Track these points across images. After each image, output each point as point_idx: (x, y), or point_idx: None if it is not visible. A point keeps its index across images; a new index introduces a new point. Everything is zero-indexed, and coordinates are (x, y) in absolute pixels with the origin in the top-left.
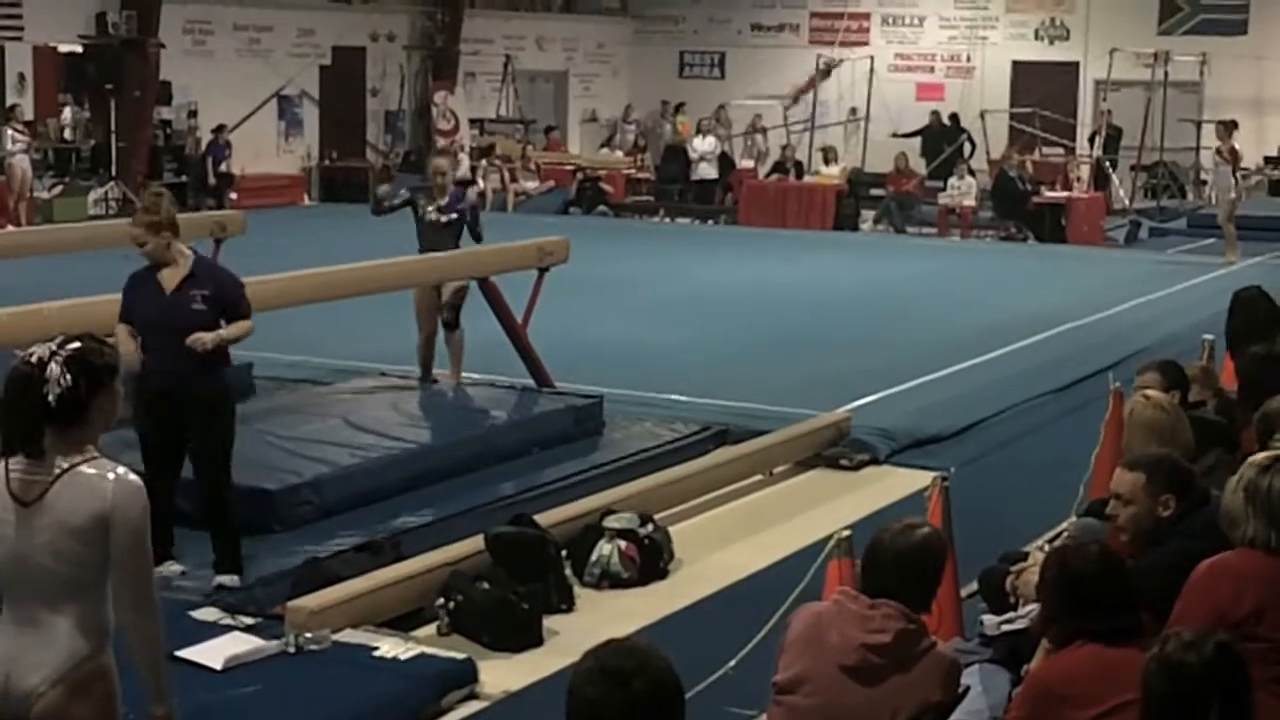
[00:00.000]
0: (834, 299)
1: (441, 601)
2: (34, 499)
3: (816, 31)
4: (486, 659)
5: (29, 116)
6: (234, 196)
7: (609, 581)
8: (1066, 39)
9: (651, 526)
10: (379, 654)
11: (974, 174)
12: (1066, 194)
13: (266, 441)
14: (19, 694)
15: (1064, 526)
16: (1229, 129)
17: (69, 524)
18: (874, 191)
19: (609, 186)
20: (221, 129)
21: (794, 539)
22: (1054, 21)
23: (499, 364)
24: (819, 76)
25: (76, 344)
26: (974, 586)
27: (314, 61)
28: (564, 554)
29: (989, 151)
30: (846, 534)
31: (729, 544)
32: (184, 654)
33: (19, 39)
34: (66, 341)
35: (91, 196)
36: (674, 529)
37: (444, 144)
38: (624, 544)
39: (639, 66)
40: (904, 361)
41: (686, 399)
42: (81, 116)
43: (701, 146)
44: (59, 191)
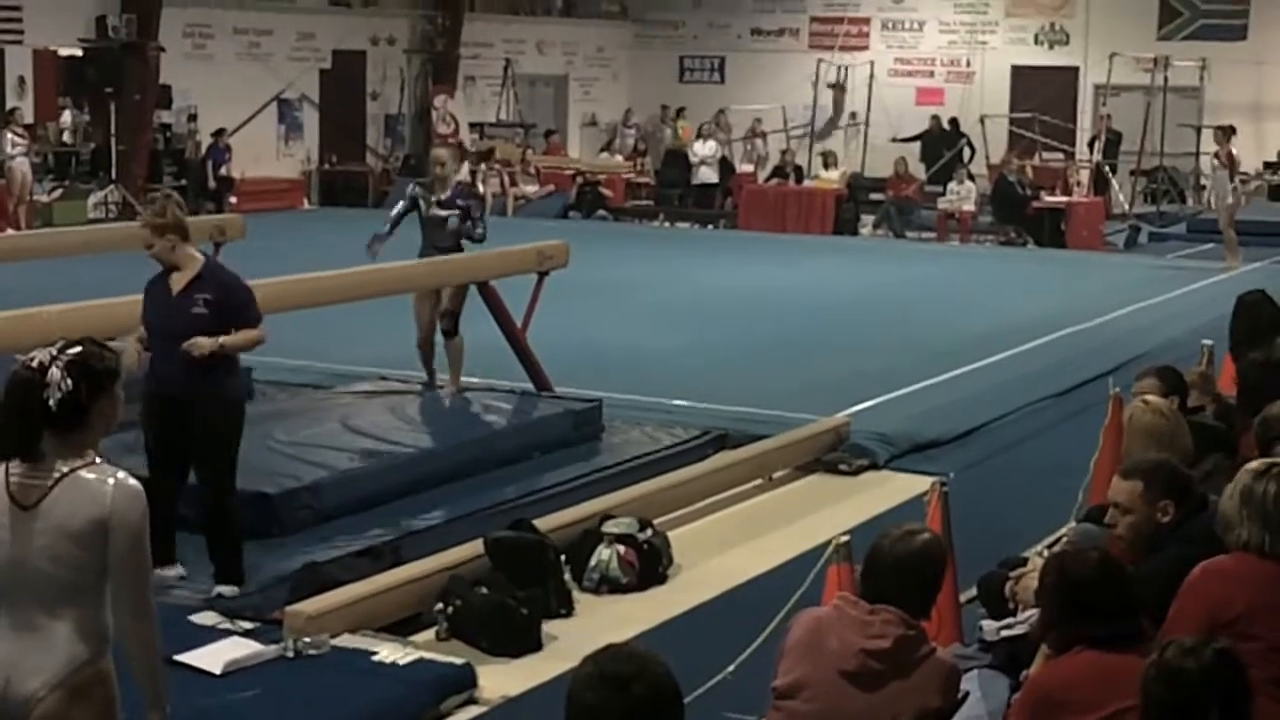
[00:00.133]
0: (833, 303)
1: (440, 606)
2: (33, 503)
3: (816, 36)
4: (485, 664)
5: (29, 120)
6: (233, 200)
7: (608, 586)
8: (1066, 44)
9: (650, 531)
10: (378, 659)
11: (973, 179)
12: (1066, 199)
13: (266, 446)
14: (18, 698)
15: (1063, 532)
16: (1227, 134)
17: (68, 528)
18: (873, 196)
19: (609, 191)
20: (221, 133)
21: (793, 544)
22: (1054, 26)
23: (498, 368)
24: (836, 91)
25: (77, 348)
26: (973, 592)
27: (314, 65)
28: (563, 559)
29: (988, 156)
30: (846, 539)
31: (728, 549)
32: (183, 658)
33: (19, 42)
34: (67, 346)
35: (91, 200)
36: (673, 534)
37: (447, 135)
38: (623, 549)
39: (639, 71)
40: (903, 366)
41: (686, 404)
42: (81, 120)
43: (702, 151)
44: (59, 195)
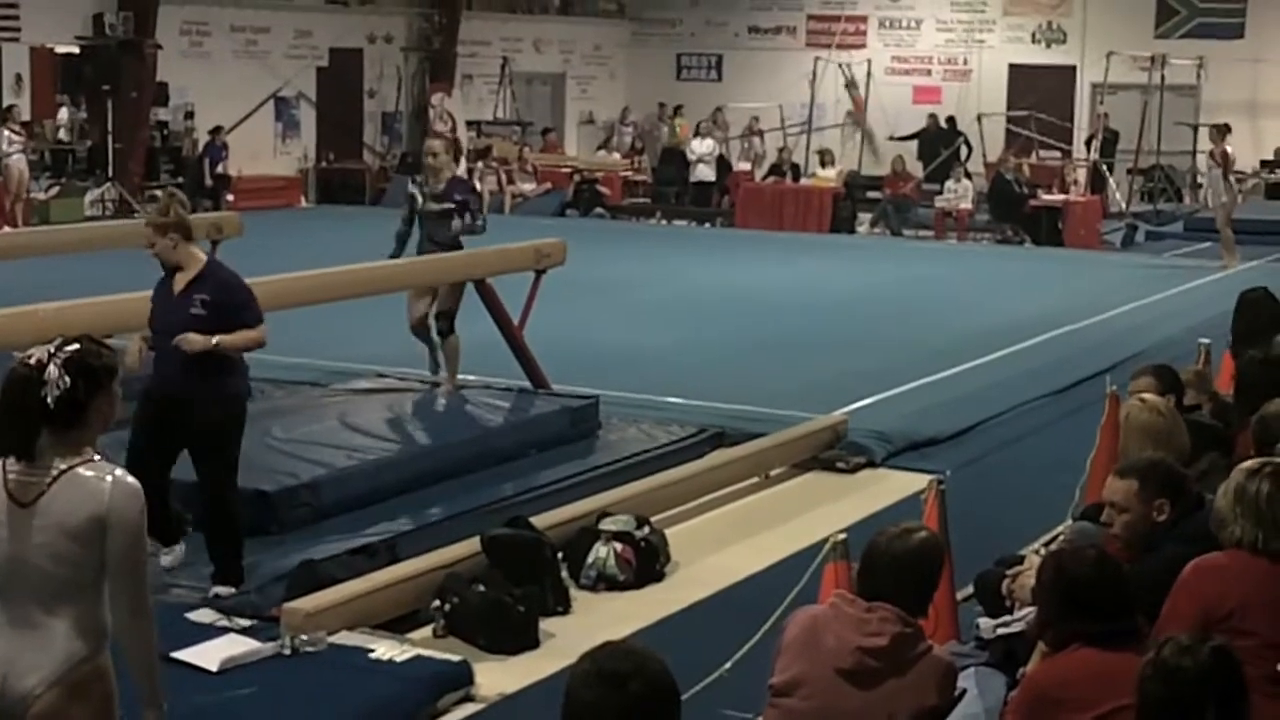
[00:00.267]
0: (830, 301)
1: (437, 604)
2: (31, 500)
3: (813, 34)
4: (482, 661)
5: (26, 117)
6: (231, 198)
7: (605, 584)
8: (1063, 42)
9: (648, 529)
10: (375, 656)
11: (970, 177)
12: (1063, 197)
13: (263, 443)
14: (16, 695)
15: (1060, 530)
16: (1222, 132)
17: (66, 525)
18: (871, 194)
19: (606, 189)
20: (218, 130)
21: (790, 542)
22: (1051, 25)
23: (495, 366)
24: (852, 90)
25: (75, 346)
26: (970, 590)
27: (311, 63)
28: (560, 556)
29: (986, 154)
30: (843, 537)
31: (725, 546)
32: (180, 655)
33: (16, 40)
34: (65, 343)
35: (88, 198)
36: (670, 531)
37: (442, 130)
38: (620, 546)
39: (636, 69)
40: (900, 364)
41: (683, 401)
42: (78, 117)
43: (700, 149)
44: (55, 192)
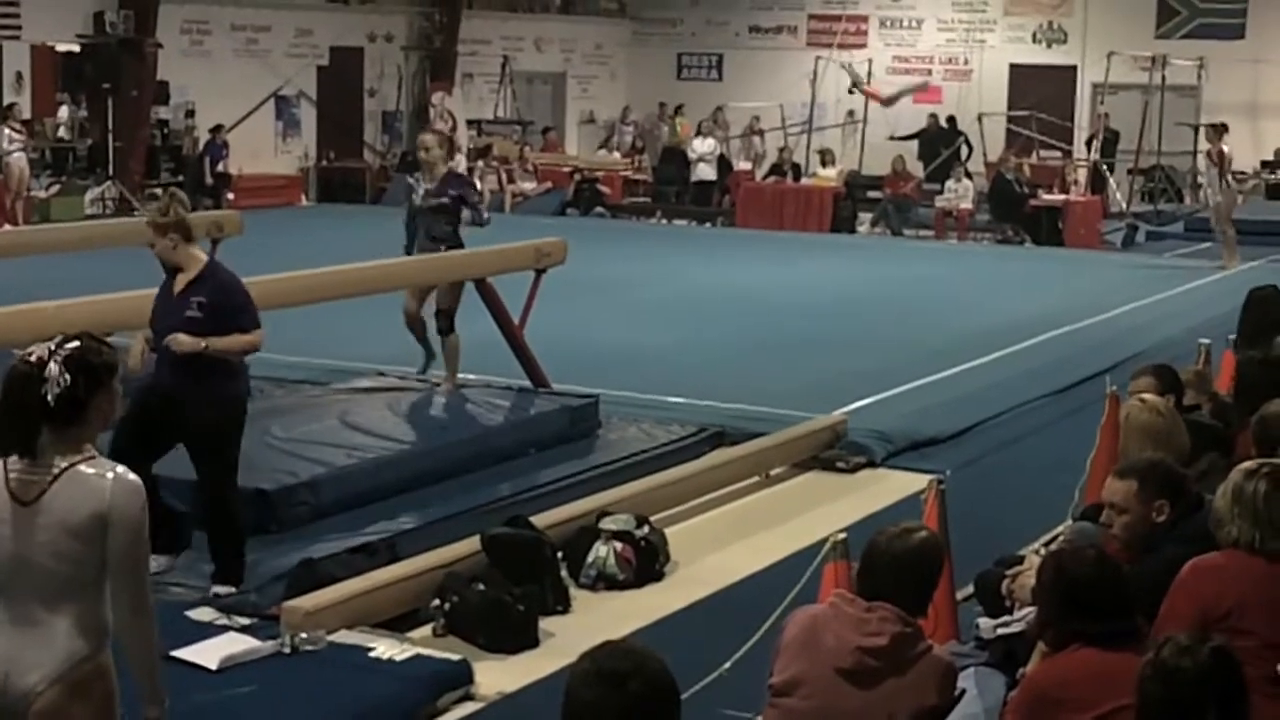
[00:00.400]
0: (831, 301)
1: (437, 603)
2: (33, 499)
3: (814, 34)
4: (482, 660)
5: (26, 115)
6: (231, 196)
7: (605, 583)
8: (1064, 42)
9: (647, 528)
10: (374, 655)
11: (971, 177)
12: (1064, 197)
13: (263, 442)
14: (17, 693)
15: (1060, 530)
16: (1218, 132)
17: (68, 523)
18: (871, 194)
19: (606, 188)
20: (219, 129)
21: (790, 541)
22: (1052, 25)
23: (495, 365)
24: (856, 87)
25: (75, 343)
26: (970, 590)
27: (311, 62)
28: (560, 555)
29: (986, 154)
30: (843, 536)
31: (725, 546)
32: (179, 654)
33: (16, 38)
34: (65, 341)
35: (88, 196)
36: (670, 531)
37: (442, 128)
38: (620, 545)
39: (637, 68)
40: (900, 364)
41: (683, 400)
42: (79, 116)
43: (701, 148)
44: (56, 191)
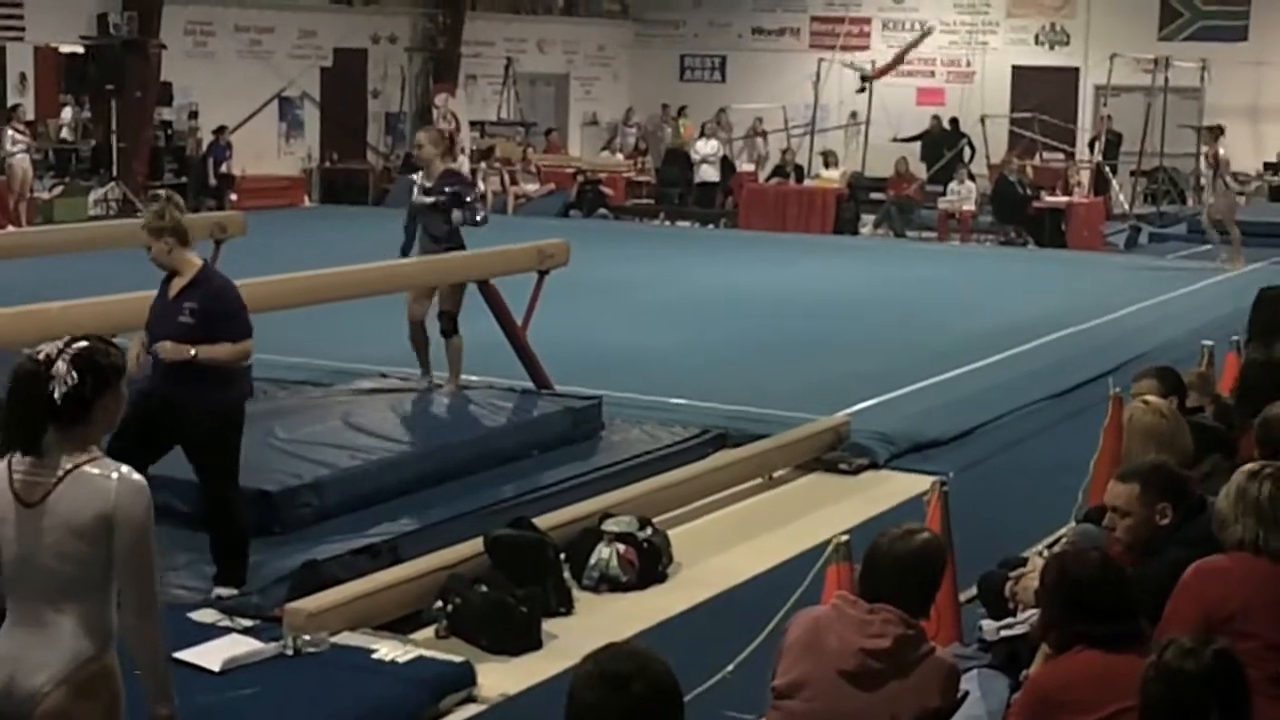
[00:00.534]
0: (833, 303)
1: (440, 604)
2: (38, 500)
3: (817, 36)
4: (485, 662)
5: (30, 117)
6: (234, 198)
7: (608, 585)
8: (1067, 44)
9: (650, 530)
10: (377, 656)
11: (974, 178)
12: (1066, 199)
13: (266, 443)
14: (23, 694)
15: (1063, 532)
16: (1214, 135)
17: (73, 524)
18: (874, 195)
19: (609, 189)
20: (222, 130)
21: (793, 543)
22: (1054, 27)
23: (498, 366)
24: (861, 88)
25: (84, 343)
26: (973, 591)
27: (315, 63)
28: (563, 557)
29: (989, 156)
30: (845, 538)
31: (728, 548)
32: (182, 656)
33: (20, 39)
34: (74, 340)
35: (92, 197)
36: (673, 532)
37: (443, 127)
38: (623, 547)
39: (640, 70)
40: (903, 365)
41: (686, 402)
42: (82, 117)
43: (704, 149)
44: (59, 192)
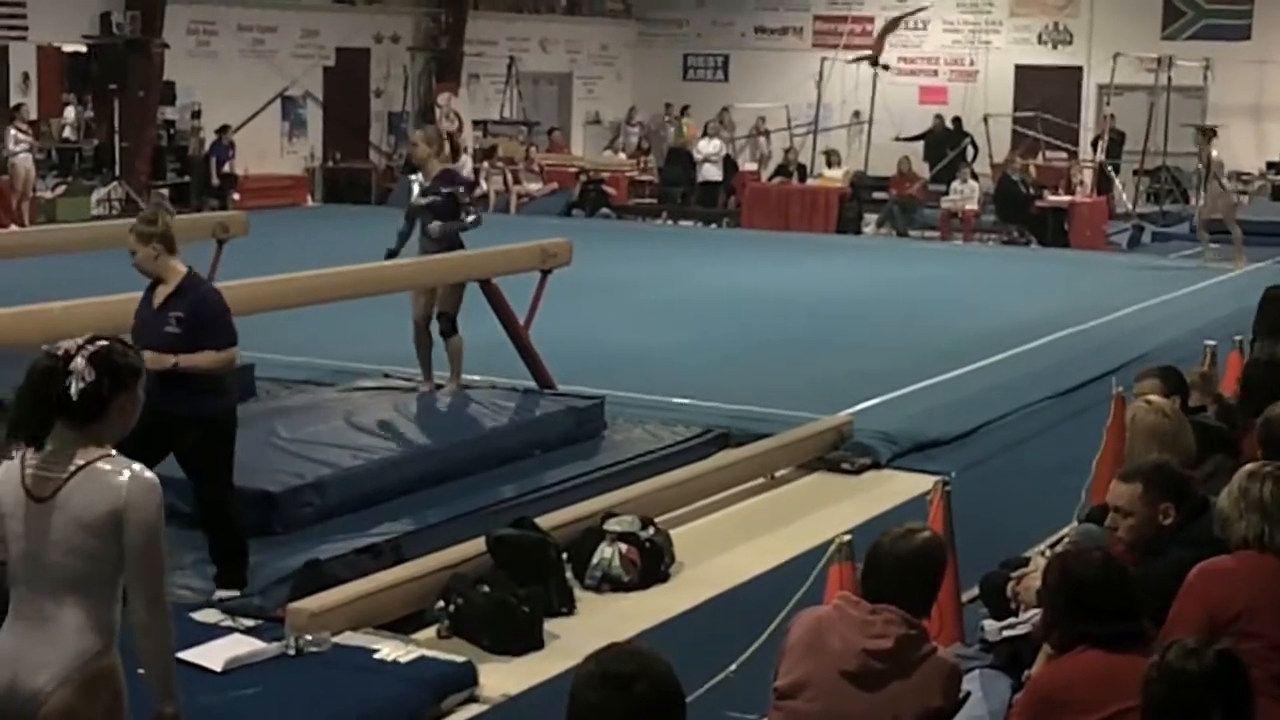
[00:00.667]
0: (836, 302)
1: (442, 604)
2: (49, 495)
3: (820, 35)
4: (487, 662)
5: (33, 116)
6: (237, 197)
7: (610, 584)
8: (1070, 43)
9: (653, 529)
10: (379, 656)
11: (977, 178)
12: (1069, 198)
13: (268, 443)
14: (26, 694)
15: (1065, 532)
16: (1208, 136)
17: (84, 519)
18: (877, 195)
19: (612, 189)
20: (225, 129)
21: (795, 543)
22: (1057, 26)
23: (501, 366)
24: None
25: (103, 342)
26: (975, 591)
27: (318, 62)
28: (565, 557)
29: (992, 155)
30: (848, 538)
31: (730, 547)
32: (184, 655)
33: (23, 38)
34: (94, 339)
35: (95, 196)
36: (675, 532)
37: (451, 132)
38: (625, 547)
39: (642, 69)
40: (906, 365)
41: (688, 402)
42: (85, 116)
43: (706, 149)
44: (62, 191)
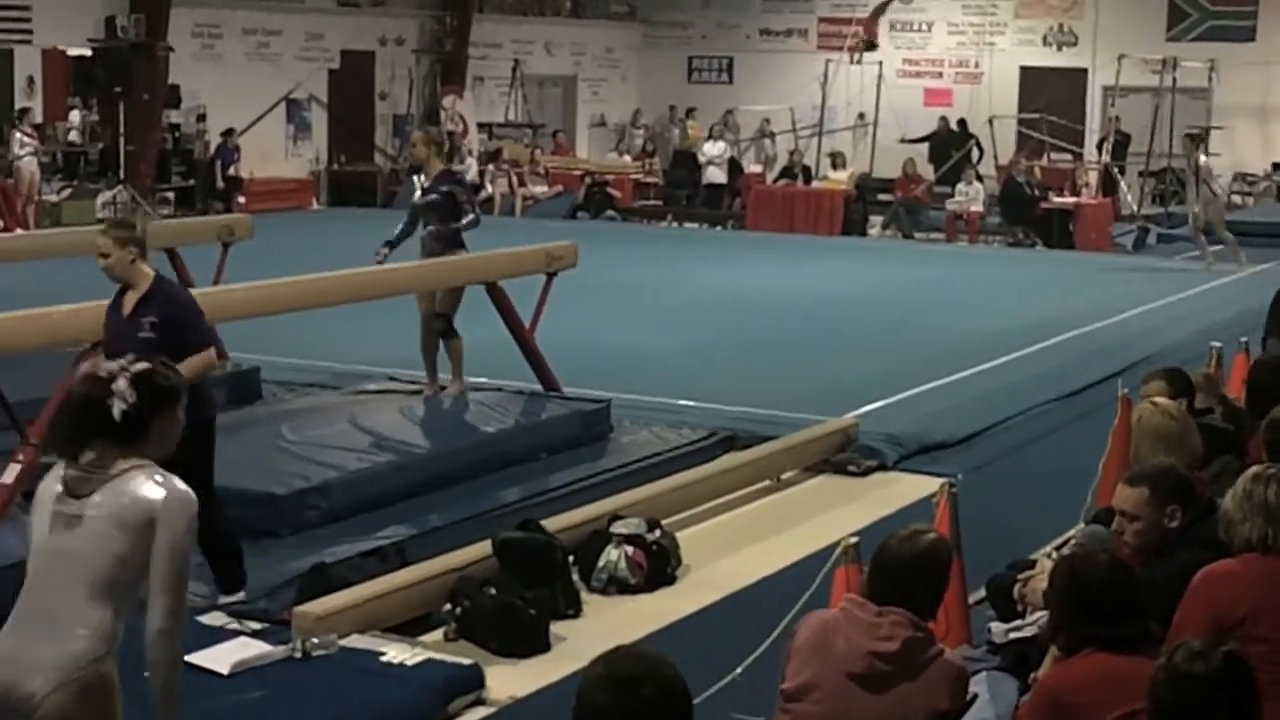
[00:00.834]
0: (841, 304)
1: (449, 607)
2: (87, 493)
3: (825, 37)
4: (493, 664)
5: (38, 120)
6: (242, 200)
7: (616, 587)
8: (1075, 45)
9: (659, 532)
10: (386, 659)
11: (982, 179)
12: (1074, 200)
13: (274, 446)
14: (21, 695)
15: (1072, 534)
16: (1195, 142)
17: (119, 518)
18: (882, 197)
19: (617, 191)
20: (230, 132)
21: (801, 545)
22: (1062, 27)
23: (506, 369)
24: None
25: (146, 365)
26: (981, 594)
27: (323, 65)
28: (571, 559)
29: (997, 157)
30: (854, 540)
31: (736, 550)
32: (191, 659)
33: (28, 42)
34: (136, 361)
35: (100, 199)
36: (681, 535)
37: (450, 129)
38: (631, 550)
39: (647, 71)
40: (911, 367)
41: (694, 404)
42: (90, 120)
43: (711, 151)
44: (67, 195)
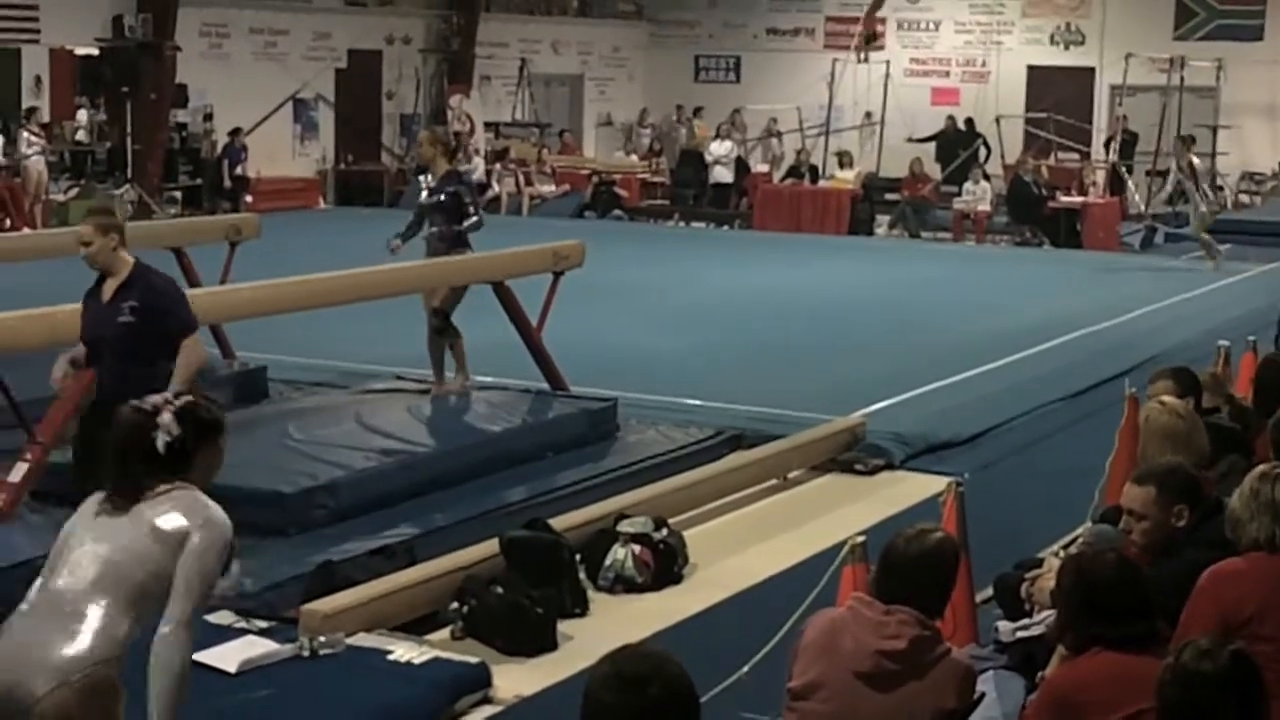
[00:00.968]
0: (848, 303)
1: (456, 605)
2: (130, 507)
3: (831, 36)
4: (500, 663)
5: (45, 119)
6: (249, 200)
7: (623, 586)
8: (1082, 44)
9: (666, 531)
10: (393, 658)
11: (989, 179)
12: (1082, 199)
13: (281, 445)
14: (24, 692)
15: (1079, 533)
16: (1186, 144)
17: (158, 526)
18: (889, 196)
19: (624, 190)
20: (237, 132)
21: (808, 544)
22: (1069, 26)
23: (513, 368)
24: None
25: (189, 398)
26: (989, 592)
27: (330, 65)
28: (578, 558)
29: (1004, 156)
30: (861, 539)
31: (743, 549)
32: (198, 657)
33: (36, 42)
34: (180, 394)
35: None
36: (688, 533)
37: (462, 134)
38: (638, 548)
39: (654, 70)
40: (918, 366)
41: (701, 403)
42: (97, 119)
43: (718, 150)
44: (74, 194)
